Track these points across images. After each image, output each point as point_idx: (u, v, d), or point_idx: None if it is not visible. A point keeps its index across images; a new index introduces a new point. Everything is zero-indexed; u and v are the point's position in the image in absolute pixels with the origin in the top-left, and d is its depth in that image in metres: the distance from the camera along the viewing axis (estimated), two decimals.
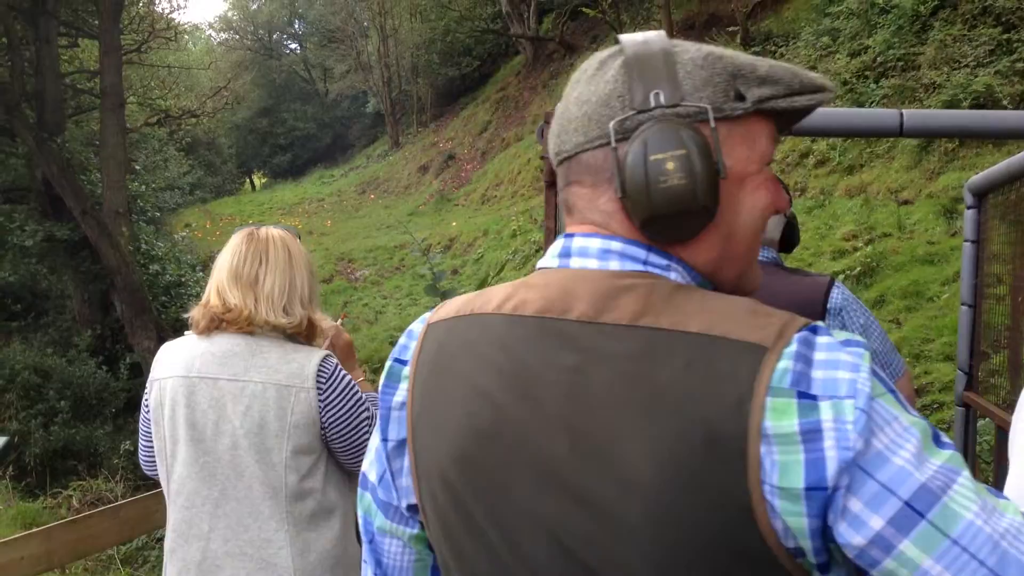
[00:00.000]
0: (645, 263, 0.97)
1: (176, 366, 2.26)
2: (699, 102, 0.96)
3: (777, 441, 0.84)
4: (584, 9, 18.23)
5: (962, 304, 3.09)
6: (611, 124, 0.96)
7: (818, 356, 0.87)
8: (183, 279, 12.31)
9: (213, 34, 39.12)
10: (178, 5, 40.74)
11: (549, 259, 1.04)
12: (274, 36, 37.50)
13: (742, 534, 0.84)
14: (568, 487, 0.92)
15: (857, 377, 0.86)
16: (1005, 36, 10.31)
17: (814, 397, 0.85)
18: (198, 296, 9.48)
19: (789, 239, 2.62)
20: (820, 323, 0.92)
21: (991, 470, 3.45)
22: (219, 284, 2.28)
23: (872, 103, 11.52)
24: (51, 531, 3.20)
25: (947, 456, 0.86)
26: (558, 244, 1.04)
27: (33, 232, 12.74)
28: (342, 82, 30.89)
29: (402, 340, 1.11)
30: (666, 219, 0.95)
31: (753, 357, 0.87)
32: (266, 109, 34.91)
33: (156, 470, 2.37)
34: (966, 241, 3.10)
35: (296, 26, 37.63)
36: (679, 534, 0.86)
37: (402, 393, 1.08)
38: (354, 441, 2.24)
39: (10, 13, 11.75)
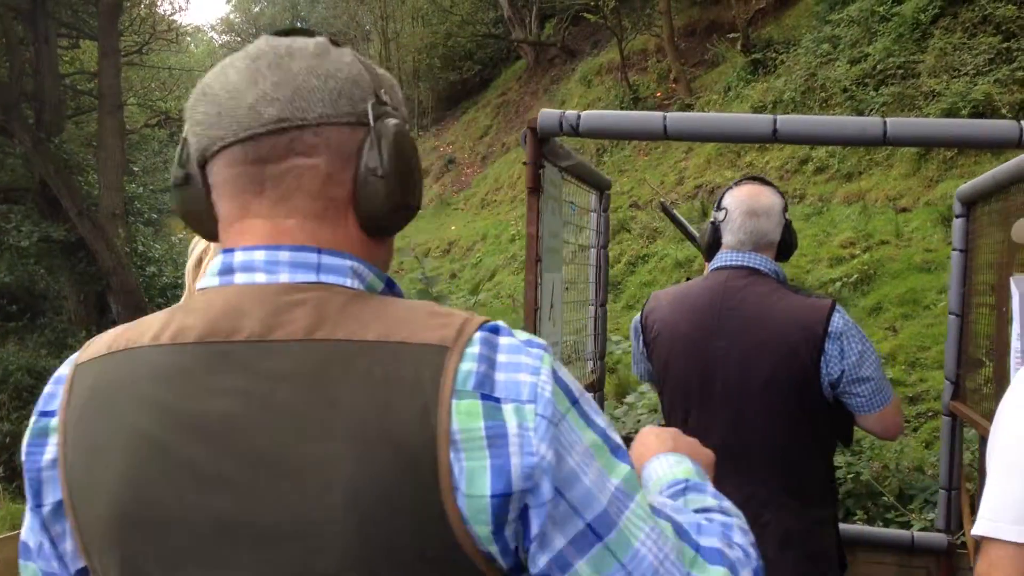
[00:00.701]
0: (318, 270, 0.93)
1: None
2: (400, 115, 1.01)
3: (464, 447, 0.83)
4: (586, 15, 18.23)
5: (950, 313, 3.07)
6: (368, 105, 0.95)
7: (500, 358, 0.88)
8: (180, 281, 12.28)
9: (216, 36, 39.27)
10: (179, 7, 40.75)
11: (209, 278, 0.96)
12: None
13: (440, 543, 0.84)
14: (257, 525, 0.85)
15: (537, 380, 0.87)
16: (1005, 45, 10.29)
17: (498, 400, 0.85)
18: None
19: (788, 243, 2.57)
20: (501, 323, 0.92)
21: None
22: (190, 286, 2.23)
23: (871, 111, 11.51)
24: None
25: (624, 475, 0.89)
26: (217, 261, 0.96)
27: (29, 233, 12.73)
28: None
29: (48, 388, 0.99)
30: (398, 210, 0.96)
31: (435, 358, 0.86)
32: None
33: None
34: (954, 250, 3.07)
35: None
36: (379, 550, 0.83)
37: (52, 450, 0.95)
38: None
39: (9, 13, 11.75)
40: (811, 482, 2.42)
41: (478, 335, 0.88)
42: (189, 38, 38.28)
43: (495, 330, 0.90)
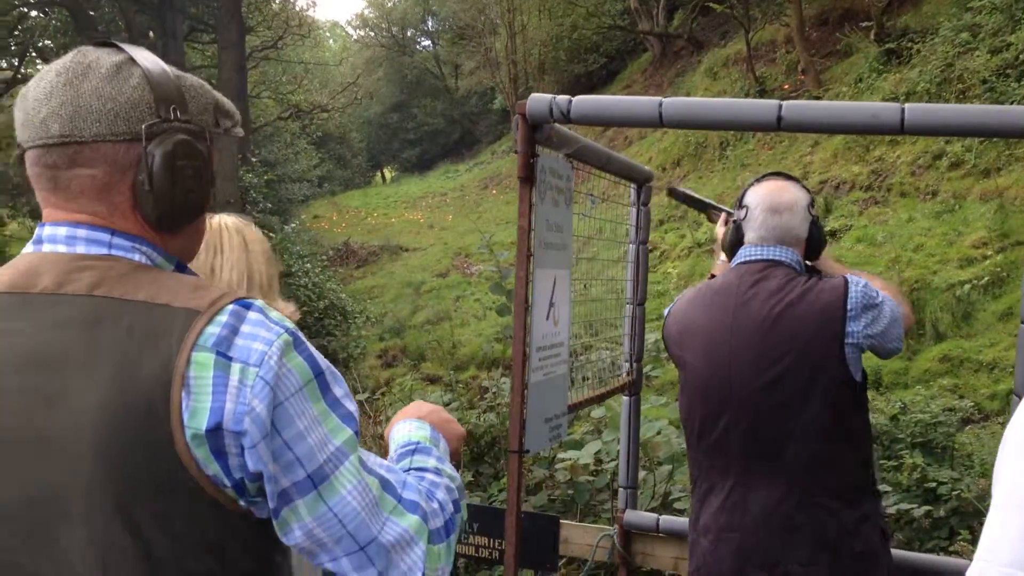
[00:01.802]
0: (110, 247, 1.14)
1: None
2: (200, 123, 1.20)
3: (194, 390, 1.06)
4: (712, 4, 17.76)
5: (1022, 322, 2.74)
6: (143, 126, 1.12)
7: (244, 328, 1.10)
8: (292, 269, 12.60)
9: (351, 31, 40.24)
10: (312, 2, 41.91)
11: (28, 246, 1.18)
12: (407, 33, 38.17)
13: (172, 466, 1.05)
14: (16, 437, 1.08)
15: (268, 350, 1.09)
16: None
17: (230, 358, 1.07)
18: (306, 286, 9.59)
19: (816, 240, 2.44)
20: (257, 301, 1.13)
21: None
22: None
23: (1013, 104, 10.75)
24: None
25: (344, 439, 1.14)
26: (36, 233, 1.17)
27: None
28: (471, 78, 31.08)
29: None
30: (175, 213, 1.16)
31: (187, 320, 1.08)
32: (397, 104, 35.56)
33: None
34: None
35: (429, 23, 38.21)
36: (124, 468, 1.05)
37: None
38: None
39: (133, 7, 12.26)
40: (847, 478, 2.28)
41: (230, 307, 1.11)
42: (328, 33, 39.44)
43: (247, 306, 1.12)
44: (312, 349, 1.15)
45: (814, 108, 2.02)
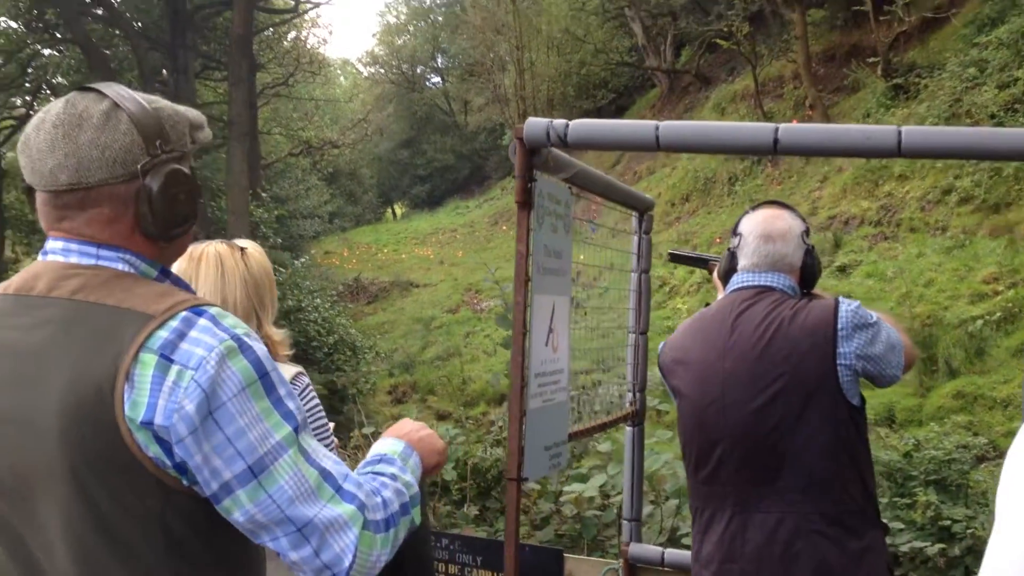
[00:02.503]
0: (97, 258, 1.34)
1: None
2: (182, 147, 1.39)
3: (136, 385, 1.23)
4: (719, 41, 17.87)
5: None
6: (138, 166, 1.31)
7: (192, 334, 1.25)
8: (302, 304, 12.59)
9: (361, 68, 40.59)
10: (323, 40, 42.35)
11: (39, 255, 1.40)
12: (417, 70, 38.51)
13: (118, 445, 1.23)
14: (18, 412, 1.27)
15: (207, 356, 1.24)
16: None
17: (171, 361, 1.24)
18: (315, 321, 9.57)
19: (811, 269, 2.41)
20: (212, 309, 1.30)
21: None
22: None
23: None
24: None
25: (284, 434, 1.28)
26: (43, 246, 1.39)
27: None
28: (480, 115, 31.31)
29: None
30: (171, 228, 1.36)
31: (141, 323, 1.26)
32: (407, 141, 35.81)
33: None
34: None
35: (438, 60, 38.56)
36: (80, 447, 1.23)
37: None
38: None
39: (144, 44, 12.41)
40: (847, 504, 2.23)
41: (183, 314, 1.27)
42: (339, 70, 39.81)
43: (199, 313, 1.28)
44: (259, 354, 1.29)
45: (810, 131, 2.00)
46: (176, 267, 2.24)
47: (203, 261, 2.28)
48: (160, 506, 1.27)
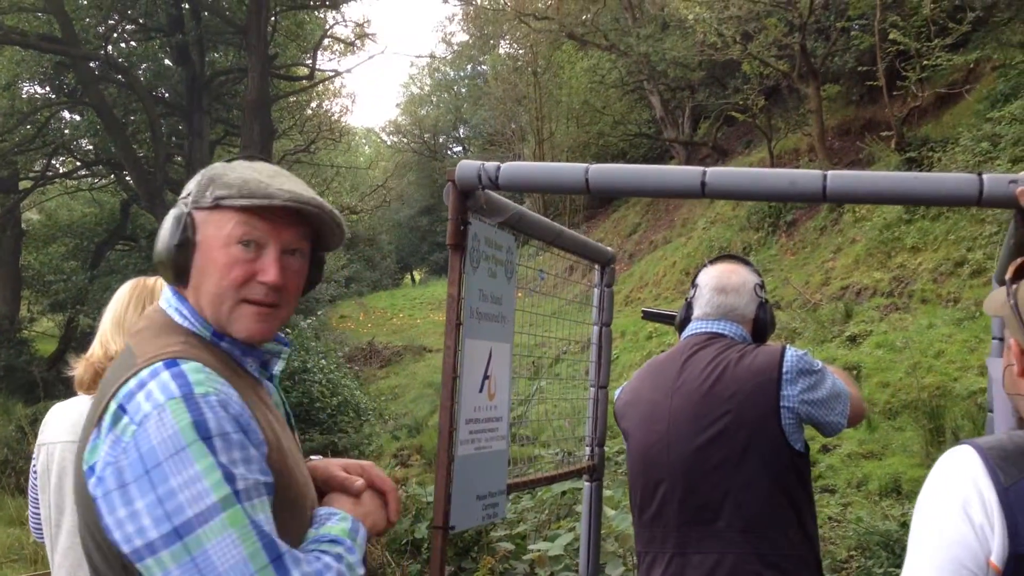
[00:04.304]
0: (168, 305, 1.48)
1: (63, 430, 2.17)
2: (194, 197, 1.47)
3: (99, 431, 1.28)
4: (735, 114, 18.03)
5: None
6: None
7: (150, 385, 1.29)
8: (308, 365, 12.59)
9: (384, 137, 41.19)
10: (345, 108, 43.15)
11: None
12: (439, 139, 39.05)
13: (82, 486, 1.30)
14: None
15: (150, 412, 1.26)
16: None
17: (125, 411, 1.28)
18: (320, 382, 9.57)
19: (763, 322, 2.47)
20: (188, 364, 1.33)
21: None
22: (102, 334, 2.19)
23: None
24: None
25: (222, 495, 1.24)
26: None
27: None
28: None
29: None
30: (161, 266, 1.47)
31: (127, 371, 1.33)
32: (427, 208, 36.17)
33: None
34: None
35: (460, 131, 39.09)
36: (75, 481, 1.35)
37: None
38: None
39: (157, 110, 12.68)
40: (785, 548, 2.23)
41: (155, 365, 1.32)
42: (363, 139, 40.43)
43: (170, 365, 1.32)
44: (209, 414, 1.28)
45: (735, 175, 2.00)
46: (128, 295, 2.23)
47: (158, 288, 2.26)
48: (109, 551, 1.29)
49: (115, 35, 17.11)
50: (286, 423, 1.57)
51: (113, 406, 1.28)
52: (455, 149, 39.79)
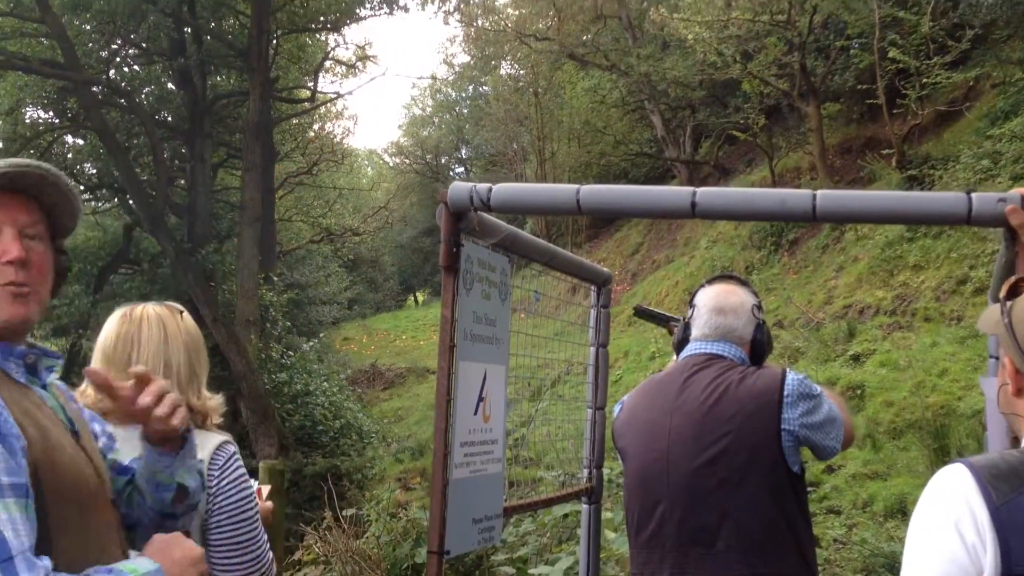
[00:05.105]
0: None
1: None
2: None
3: None
4: (736, 133, 18.08)
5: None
6: None
7: None
8: (310, 388, 12.57)
9: (387, 159, 41.35)
10: (347, 130, 43.38)
11: None
12: (441, 160, 39.15)
13: None
14: None
15: None
16: None
17: None
18: (322, 405, 9.58)
19: (760, 343, 2.47)
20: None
21: None
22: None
23: None
24: None
25: None
26: None
27: None
28: None
29: None
30: None
31: None
32: (430, 229, 36.22)
33: None
34: None
35: (462, 152, 39.20)
36: None
37: None
38: (235, 536, 2.05)
39: (157, 133, 12.77)
40: (784, 570, 2.24)
41: None
42: (366, 160, 40.59)
43: None
44: None
45: (725, 195, 2.00)
46: (116, 328, 2.22)
47: (144, 322, 2.23)
48: None
49: (118, 59, 17.27)
50: (67, 428, 1.57)
51: None
52: (457, 170, 39.91)
